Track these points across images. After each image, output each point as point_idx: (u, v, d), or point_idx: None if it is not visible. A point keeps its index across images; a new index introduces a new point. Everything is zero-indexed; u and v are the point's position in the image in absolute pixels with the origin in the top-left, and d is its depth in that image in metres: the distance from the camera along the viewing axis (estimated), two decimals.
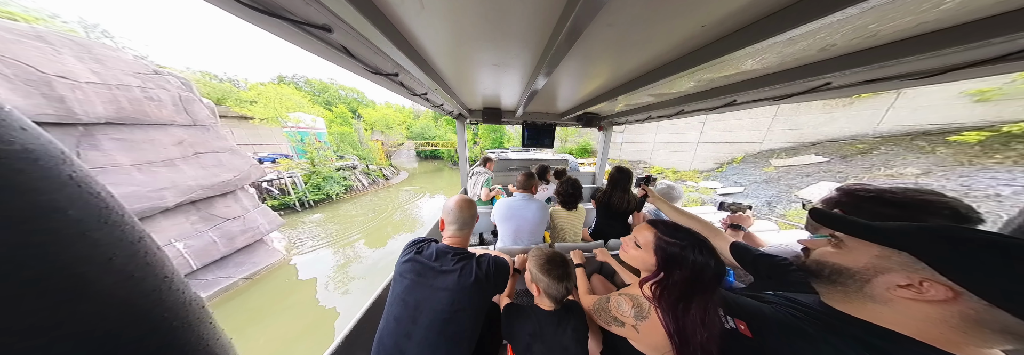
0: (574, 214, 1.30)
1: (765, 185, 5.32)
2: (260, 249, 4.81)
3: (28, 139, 0.16)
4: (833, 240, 0.36)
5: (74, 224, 0.16)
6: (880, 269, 0.31)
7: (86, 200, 0.17)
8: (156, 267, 0.21)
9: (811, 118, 5.73)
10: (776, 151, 6.22)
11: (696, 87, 0.93)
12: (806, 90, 0.74)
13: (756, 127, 6.67)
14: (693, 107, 1.12)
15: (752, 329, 0.41)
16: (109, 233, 0.18)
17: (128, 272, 0.19)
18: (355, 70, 0.67)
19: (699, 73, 0.66)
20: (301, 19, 0.42)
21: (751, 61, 0.61)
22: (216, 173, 4.15)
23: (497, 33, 0.53)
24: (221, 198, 4.30)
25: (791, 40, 0.45)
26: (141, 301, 0.19)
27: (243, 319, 3.65)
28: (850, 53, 0.53)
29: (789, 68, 0.64)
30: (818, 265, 0.37)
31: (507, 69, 0.78)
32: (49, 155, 0.16)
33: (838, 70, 0.55)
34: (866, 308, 0.33)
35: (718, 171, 7.13)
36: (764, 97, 0.86)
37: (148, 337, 0.19)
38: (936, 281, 0.27)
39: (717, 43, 0.51)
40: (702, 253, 0.46)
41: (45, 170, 0.16)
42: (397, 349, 0.57)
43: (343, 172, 10.13)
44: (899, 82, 0.61)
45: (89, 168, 0.21)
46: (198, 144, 4.03)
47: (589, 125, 1.97)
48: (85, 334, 0.16)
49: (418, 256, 0.64)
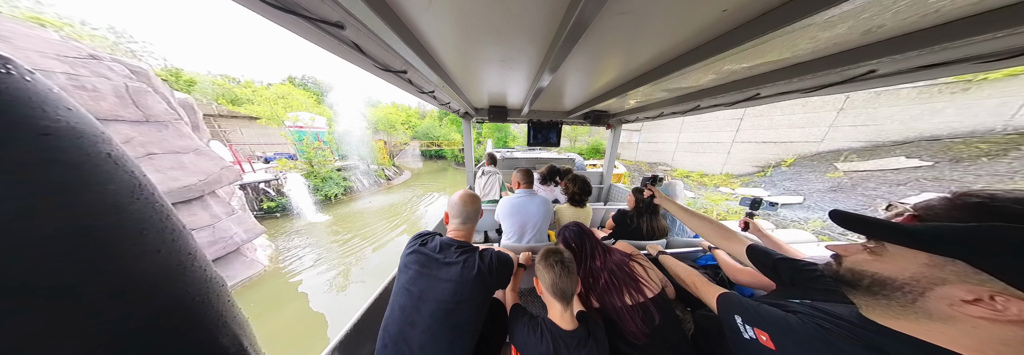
0: (580, 212, 1.29)
1: (834, 195, 4.21)
2: (236, 261, 4.32)
3: (73, 118, 0.18)
4: (868, 246, 0.32)
5: (111, 196, 0.18)
6: (933, 280, 0.26)
7: (122, 176, 0.20)
8: (181, 243, 0.23)
9: (897, 111, 4.45)
10: (843, 152, 5.03)
11: (714, 80, 0.86)
12: (843, 80, 0.65)
13: (813, 123, 5.48)
14: (710, 102, 1.04)
15: (776, 342, 0.37)
16: (141, 208, 0.20)
17: (156, 246, 0.21)
18: (366, 67, 0.68)
19: (718, 64, 0.64)
20: (316, 16, 0.43)
21: (779, 49, 0.55)
22: (176, 177, 3.64)
23: (504, 26, 0.52)
24: (184, 205, 3.79)
25: (828, 22, 0.40)
26: (166, 273, 0.21)
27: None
28: (902, 35, 0.45)
29: (824, 56, 0.58)
30: (856, 275, 0.32)
31: (513, 65, 0.78)
32: (91, 133, 0.19)
33: (886, 55, 0.48)
34: (921, 325, 0.28)
35: (760, 176, 6.02)
36: (793, 89, 0.78)
37: (173, 307, 0.21)
38: (1013, 296, 0.22)
39: (740, 29, 0.46)
40: (568, 230, 0.83)
41: (88, 146, 0.18)
42: (401, 336, 0.58)
43: (343, 172, 9.88)
44: (964, 66, 0.51)
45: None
46: (152, 144, 3.53)
47: (597, 123, 1.91)
48: (118, 296, 0.18)
49: (422, 248, 0.66)
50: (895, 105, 4.49)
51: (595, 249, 0.76)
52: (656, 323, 0.60)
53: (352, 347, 0.67)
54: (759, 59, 0.62)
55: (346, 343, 0.65)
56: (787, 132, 5.92)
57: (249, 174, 8.01)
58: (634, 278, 0.67)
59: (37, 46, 3.04)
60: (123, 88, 3.43)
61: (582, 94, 1.22)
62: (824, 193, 4.36)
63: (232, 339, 0.28)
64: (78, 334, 0.17)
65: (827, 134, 5.31)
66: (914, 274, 0.27)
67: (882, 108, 4.61)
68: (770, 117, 6.19)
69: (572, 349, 0.55)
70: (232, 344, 0.28)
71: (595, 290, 0.68)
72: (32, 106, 0.16)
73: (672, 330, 0.63)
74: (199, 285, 0.24)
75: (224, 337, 0.27)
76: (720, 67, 0.70)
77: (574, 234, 0.80)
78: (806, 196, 4.48)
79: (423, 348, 0.55)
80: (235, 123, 12.54)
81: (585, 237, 0.79)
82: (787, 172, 5.47)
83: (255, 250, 4.83)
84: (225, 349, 0.27)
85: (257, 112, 8.71)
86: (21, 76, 0.17)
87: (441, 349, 0.56)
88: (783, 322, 0.38)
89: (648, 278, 0.69)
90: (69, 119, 0.18)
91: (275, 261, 4.97)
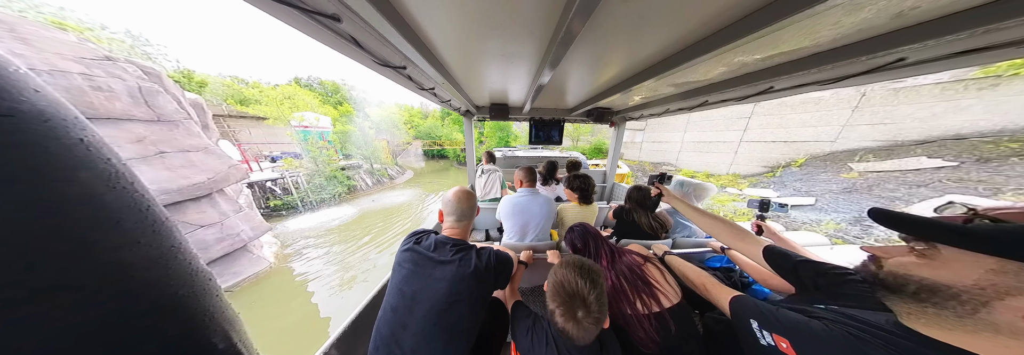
0: (586, 211, 1.25)
1: (848, 196, 4.06)
2: (243, 258, 4.41)
3: (39, 100, 0.16)
4: (916, 248, 0.28)
5: (82, 185, 0.17)
6: (1003, 289, 0.23)
7: (95, 164, 0.18)
8: (164, 236, 0.22)
9: (918, 108, 4.21)
10: (858, 152, 4.85)
11: (724, 73, 0.80)
12: (868, 70, 0.59)
13: (826, 122, 5.29)
14: (720, 97, 1.00)
15: (798, 349, 0.34)
16: (117, 198, 0.19)
17: (134, 237, 0.20)
18: (365, 62, 0.66)
19: (730, 55, 0.61)
20: (311, 8, 0.42)
21: (797, 37, 0.50)
22: (186, 175, 3.73)
23: (504, 18, 0.50)
24: (193, 203, 3.88)
25: (855, 4, 0.36)
26: (147, 265, 0.20)
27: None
28: (940, 17, 0.40)
29: (846, 44, 0.53)
30: (899, 279, 0.29)
31: (514, 60, 0.76)
32: (60, 117, 0.17)
33: (919, 40, 0.42)
34: (980, 339, 0.24)
35: (769, 176, 5.86)
36: (811, 81, 0.72)
37: (153, 301, 0.20)
38: None
39: (757, 14, 0.42)
40: (573, 232, 0.79)
41: (55, 131, 0.17)
42: (393, 339, 0.56)
43: (347, 171, 10.01)
44: (1009, 51, 0.44)
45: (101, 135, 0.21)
46: (163, 142, 3.62)
47: (600, 120, 1.87)
48: (88, 291, 0.17)
49: (417, 246, 0.64)
50: (916, 102, 4.26)
51: (601, 250, 0.72)
52: (672, 333, 0.55)
53: (350, 343, 0.66)
54: (774, 49, 0.58)
55: (343, 340, 0.64)
56: (798, 131, 5.74)
57: (256, 173, 8.19)
58: (647, 282, 0.62)
59: (55, 48, 3.16)
60: (136, 88, 3.54)
61: (585, 90, 1.19)
62: (837, 194, 4.21)
63: (221, 335, 0.27)
64: (48, 332, 0.15)
65: (841, 133, 5.11)
66: (977, 281, 0.24)
67: (901, 106, 4.39)
68: (780, 116, 6.01)
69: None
70: (221, 340, 0.27)
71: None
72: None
73: (688, 339, 0.58)
74: (185, 278, 0.23)
75: (213, 333, 0.26)
76: (731, 58, 0.65)
77: (579, 235, 0.77)
78: (818, 197, 4.33)
79: (416, 351, 0.53)
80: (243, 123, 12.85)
81: (590, 238, 0.76)
82: (797, 172, 5.31)
83: (261, 247, 4.92)
84: (213, 345, 0.26)
85: (264, 112, 8.90)
86: None
87: (435, 351, 0.54)
88: (805, 328, 0.34)
89: (665, 284, 0.63)
90: (36, 101, 0.16)
91: (281, 258, 5.06)
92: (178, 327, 0.23)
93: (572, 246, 0.78)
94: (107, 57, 3.48)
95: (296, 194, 8.12)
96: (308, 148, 9.16)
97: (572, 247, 0.78)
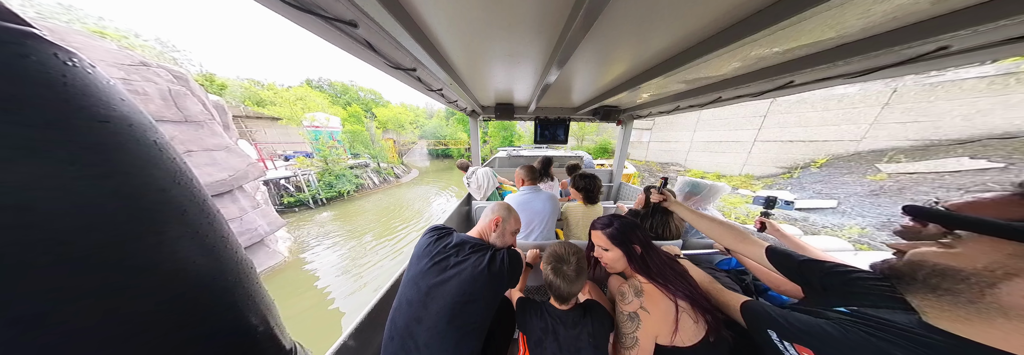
0: (591, 211, 1.23)
1: (875, 200, 3.82)
2: (260, 251, 4.62)
3: (126, 108, 0.19)
4: (941, 241, 0.29)
5: (156, 181, 0.20)
6: (1013, 270, 0.23)
7: (165, 162, 0.21)
8: (216, 227, 0.25)
9: (959, 104, 3.83)
10: (887, 152, 4.54)
11: (739, 68, 0.75)
12: (902, 61, 0.53)
13: (851, 120, 4.97)
14: (734, 93, 0.94)
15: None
16: (181, 192, 0.22)
17: (194, 227, 0.22)
18: (378, 65, 0.68)
19: (746, 49, 0.56)
20: (331, 15, 0.44)
21: (821, 28, 0.45)
22: (210, 172, 3.94)
23: (511, 18, 0.50)
24: (216, 199, 4.10)
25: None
26: (204, 253, 0.23)
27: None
28: (987, 1, 0.35)
29: (877, 34, 0.47)
30: (913, 266, 0.30)
31: (521, 59, 0.75)
32: (140, 123, 0.20)
33: (967, 27, 0.37)
34: (995, 328, 0.24)
35: (785, 177, 5.58)
36: (836, 74, 0.66)
37: (207, 286, 0.23)
38: None
39: (774, 7, 0.39)
40: (626, 220, 0.65)
41: (138, 134, 0.20)
42: (408, 331, 0.57)
43: (355, 170, 10.31)
44: None
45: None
46: (190, 142, 3.85)
47: (606, 119, 1.84)
48: (163, 275, 0.19)
49: (437, 242, 0.66)
50: (957, 98, 3.87)
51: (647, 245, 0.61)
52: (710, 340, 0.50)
53: (367, 335, 0.68)
54: (794, 42, 0.54)
55: (361, 331, 0.66)
56: (818, 130, 5.42)
57: (271, 171, 8.56)
58: (694, 285, 0.56)
59: (100, 55, 3.45)
60: (167, 91, 3.78)
61: (591, 88, 1.17)
62: (863, 197, 3.96)
63: (260, 318, 0.29)
64: (123, 307, 0.18)
65: (868, 132, 4.78)
66: (989, 264, 0.25)
67: (939, 102, 4.01)
68: (799, 113, 5.71)
69: (568, 327, 0.57)
70: (261, 323, 0.29)
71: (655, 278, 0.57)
72: (93, 96, 0.18)
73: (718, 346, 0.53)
74: (231, 266, 0.25)
75: (254, 316, 0.28)
76: (747, 52, 0.62)
77: (618, 230, 0.63)
78: (841, 200, 4.09)
79: (429, 346, 0.55)
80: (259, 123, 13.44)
81: (630, 231, 0.63)
82: (818, 174, 5.03)
83: (276, 241, 5.15)
84: (255, 327, 0.28)
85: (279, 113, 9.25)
86: (84, 69, 0.19)
87: (448, 348, 0.55)
88: (820, 332, 0.34)
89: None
90: (123, 109, 0.19)
91: (294, 252, 5.29)
92: (227, 310, 0.25)
93: (613, 240, 0.62)
94: (143, 63, 3.76)
95: (308, 191, 8.45)
96: (318, 147, 9.50)
97: (613, 241, 0.62)
